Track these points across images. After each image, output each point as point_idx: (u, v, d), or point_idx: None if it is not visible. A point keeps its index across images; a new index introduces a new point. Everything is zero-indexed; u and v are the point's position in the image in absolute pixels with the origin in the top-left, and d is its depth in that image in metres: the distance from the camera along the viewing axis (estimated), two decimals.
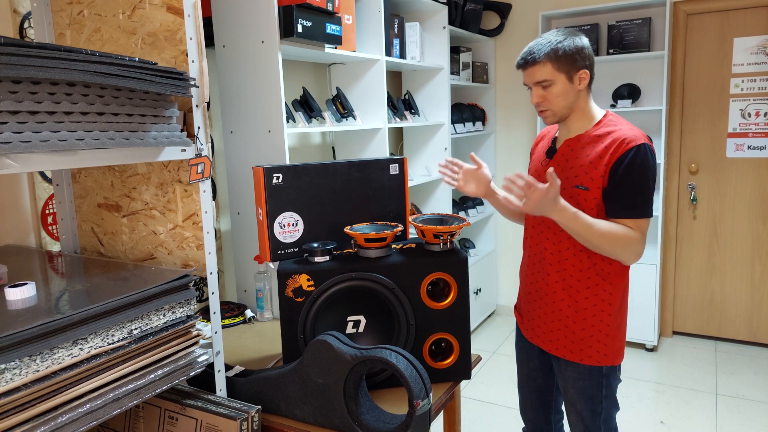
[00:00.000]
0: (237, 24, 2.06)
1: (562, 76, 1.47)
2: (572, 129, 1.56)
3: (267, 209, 1.50)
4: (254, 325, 2.01)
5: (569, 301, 1.57)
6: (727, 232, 3.55)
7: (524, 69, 1.50)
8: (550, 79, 1.47)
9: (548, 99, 1.50)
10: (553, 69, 1.46)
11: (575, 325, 1.56)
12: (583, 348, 1.56)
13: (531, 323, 1.69)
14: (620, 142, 1.45)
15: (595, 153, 1.48)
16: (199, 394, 1.35)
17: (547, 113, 1.53)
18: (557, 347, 1.61)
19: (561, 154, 1.56)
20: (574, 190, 1.50)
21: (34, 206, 1.65)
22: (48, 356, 0.98)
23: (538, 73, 1.47)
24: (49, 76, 0.93)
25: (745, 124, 3.41)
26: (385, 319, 1.47)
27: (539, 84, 1.49)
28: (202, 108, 1.30)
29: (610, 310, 1.55)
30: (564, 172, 1.54)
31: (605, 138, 1.48)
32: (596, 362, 1.56)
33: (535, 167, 1.68)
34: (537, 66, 1.47)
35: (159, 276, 1.21)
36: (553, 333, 1.61)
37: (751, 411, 2.78)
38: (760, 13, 3.30)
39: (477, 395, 3.02)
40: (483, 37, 3.86)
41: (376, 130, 2.70)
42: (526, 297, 1.69)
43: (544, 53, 1.46)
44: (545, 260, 1.60)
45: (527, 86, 1.54)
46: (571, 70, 1.47)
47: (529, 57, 1.48)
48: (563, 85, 1.48)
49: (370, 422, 1.28)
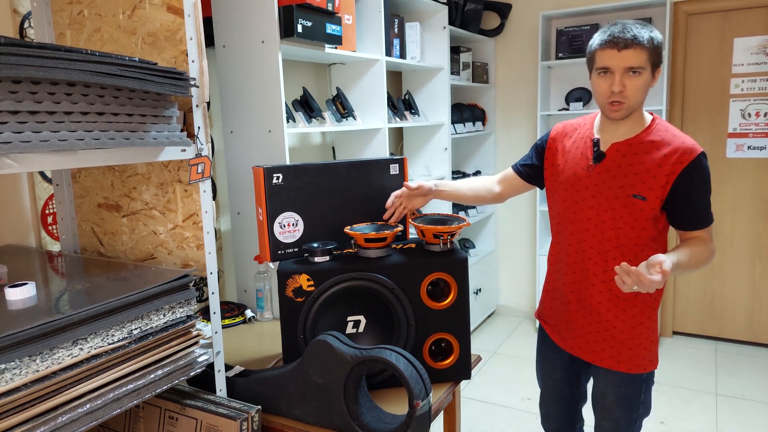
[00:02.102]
0: (237, 24, 2.06)
1: (650, 68, 1.38)
2: (621, 132, 1.46)
3: (267, 209, 1.50)
4: (254, 325, 2.01)
5: (616, 311, 1.51)
6: (727, 232, 3.55)
7: (619, 50, 1.35)
8: (643, 67, 1.36)
9: (629, 89, 1.37)
10: (647, 57, 1.36)
11: (623, 334, 1.52)
12: (631, 357, 1.52)
13: (570, 333, 1.62)
14: (682, 153, 1.38)
15: (653, 161, 1.40)
16: (199, 394, 1.35)
17: (623, 106, 1.39)
18: (602, 358, 1.55)
19: (611, 159, 1.46)
20: (629, 200, 1.43)
21: (34, 206, 1.65)
22: (48, 356, 0.98)
23: (635, 58, 1.34)
24: (49, 76, 0.93)
25: (746, 124, 3.41)
26: (385, 319, 1.47)
27: (630, 70, 1.36)
28: (202, 108, 1.30)
29: (654, 315, 1.53)
30: (616, 179, 1.44)
31: (663, 146, 1.41)
32: (643, 369, 1.53)
33: (573, 171, 1.53)
34: (637, 50, 1.34)
35: (159, 276, 1.21)
36: (598, 344, 1.55)
37: (752, 411, 2.78)
38: (761, 13, 3.29)
39: (477, 395, 3.02)
40: (483, 37, 3.86)
41: (376, 130, 2.70)
42: (565, 307, 1.61)
43: (644, 38, 1.34)
44: (589, 270, 1.53)
45: (603, 70, 1.39)
46: (657, 63, 1.39)
47: (631, 38, 1.33)
48: (647, 78, 1.38)
49: (370, 422, 1.28)
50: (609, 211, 1.46)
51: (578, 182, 1.52)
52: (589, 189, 1.49)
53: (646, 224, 1.43)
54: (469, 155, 4.17)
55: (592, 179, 1.48)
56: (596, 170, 1.48)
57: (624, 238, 1.46)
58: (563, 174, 1.56)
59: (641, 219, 1.43)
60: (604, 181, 1.47)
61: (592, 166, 1.49)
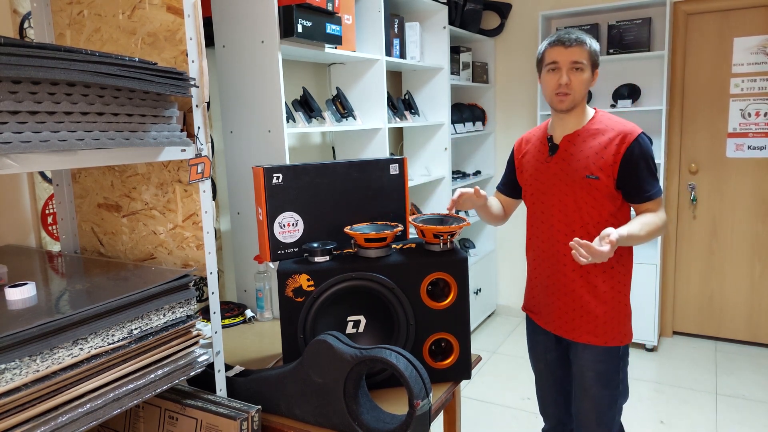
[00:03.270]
0: (237, 24, 2.06)
1: (590, 67, 1.61)
2: (569, 126, 1.67)
3: (267, 209, 1.50)
4: (254, 325, 2.01)
5: (588, 287, 1.66)
6: (727, 232, 3.55)
7: (566, 47, 1.58)
8: (585, 64, 1.59)
9: (574, 83, 1.59)
10: (588, 57, 1.59)
11: (597, 309, 1.66)
12: (606, 330, 1.66)
13: (551, 315, 1.75)
14: (624, 135, 1.59)
15: (599, 144, 1.61)
16: (199, 394, 1.35)
17: (568, 98, 1.60)
18: (580, 334, 1.68)
19: (563, 149, 1.66)
20: (585, 181, 1.61)
21: (34, 206, 1.65)
22: (48, 356, 0.98)
23: (579, 54, 1.58)
24: (49, 76, 0.93)
25: (745, 124, 3.41)
26: (385, 319, 1.47)
27: (574, 65, 1.58)
28: (202, 108, 1.30)
29: (624, 290, 1.67)
30: (571, 165, 1.64)
31: (606, 131, 1.62)
32: (619, 342, 1.66)
33: (534, 167, 1.74)
34: (580, 48, 1.57)
35: (159, 276, 1.21)
36: (575, 321, 1.69)
37: (751, 411, 2.78)
38: (760, 13, 3.30)
39: (477, 395, 3.02)
40: (483, 37, 3.86)
41: (376, 130, 2.70)
42: (544, 291, 1.76)
43: (586, 40, 1.59)
44: (559, 252, 1.68)
45: (552, 66, 1.61)
46: (595, 65, 1.63)
47: (575, 38, 1.58)
48: (589, 75, 1.61)
49: (370, 422, 1.28)
50: (570, 194, 1.64)
51: (540, 175, 1.72)
52: (549, 178, 1.69)
53: (603, 201, 1.61)
54: (469, 155, 4.17)
55: (552, 169, 1.69)
56: (553, 160, 1.68)
57: (587, 217, 1.63)
58: (527, 171, 1.78)
59: (599, 197, 1.61)
60: (561, 169, 1.66)
61: (549, 158, 1.70)
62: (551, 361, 1.83)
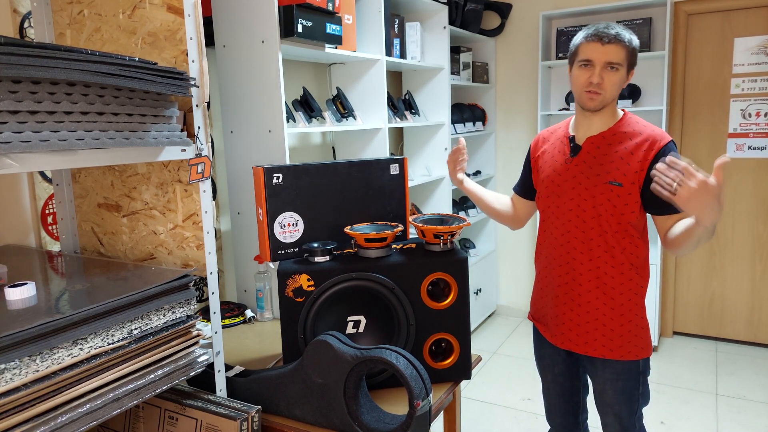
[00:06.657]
0: (237, 24, 2.06)
1: (626, 67, 1.49)
2: (595, 126, 1.56)
3: (267, 209, 1.50)
4: (254, 325, 2.01)
5: (604, 299, 1.56)
6: (727, 232, 3.55)
7: (603, 44, 1.45)
8: (621, 64, 1.47)
9: (606, 83, 1.48)
10: (626, 56, 1.47)
11: (613, 322, 1.56)
12: (622, 344, 1.57)
13: (560, 328, 1.65)
14: (652, 141, 1.48)
15: (626, 150, 1.50)
16: (199, 394, 1.35)
17: (599, 97, 1.49)
18: (595, 348, 1.59)
19: (586, 151, 1.55)
20: (606, 187, 1.51)
21: (34, 206, 1.65)
22: (48, 356, 0.98)
23: (615, 54, 1.45)
24: (49, 75, 0.93)
25: (746, 124, 3.41)
26: (385, 319, 1.47)
27: (609, 65, 1.46)
28: (202, 108, 1.30)
29: (641, 302, 1.58)
30: (593, 168, 1.53)
31: (634, 136, 1.51)
32: (635, 356, 1.57)
33: (552, 167, 1.63)
34: (618, 46, 1.45)
35: (159, 276, 1.21)
36: (589, 334, 1.59)
37: (752, 411, 2.78)
38: (761, 13, 3.29)
39: (477, 395, 3.02)
40: (483, 37, 3.86)
41: (376, 130, 2.70)
42: (553, 302, 1.66)
43: (626, 37, 1.46)
44: (575, 260, 1.58)
45: (584, 63, 1.49)
46: (633, 64, 1.50)
47: (614, 35, 1.45)
48: (623, 75, 1.49)
49: (370, 422, 1.28)
50: (589, 199, 1.54)
51: (558, 177, 1.60)
52: (568, 181, 1.58)
53: (624, 210, 1.50)
54: (469, 155, 4.17)
55: (571, 172, 1.57)
56: (573, 162, 1.57)
57: (605, 225, 1.53)
58: (544, 172, 1.66)
59: (619, 205, 1.50)
60: (581, 172, 1.55)
61: (570, 159, 1.58)
62: (558, 374, 1.75)
